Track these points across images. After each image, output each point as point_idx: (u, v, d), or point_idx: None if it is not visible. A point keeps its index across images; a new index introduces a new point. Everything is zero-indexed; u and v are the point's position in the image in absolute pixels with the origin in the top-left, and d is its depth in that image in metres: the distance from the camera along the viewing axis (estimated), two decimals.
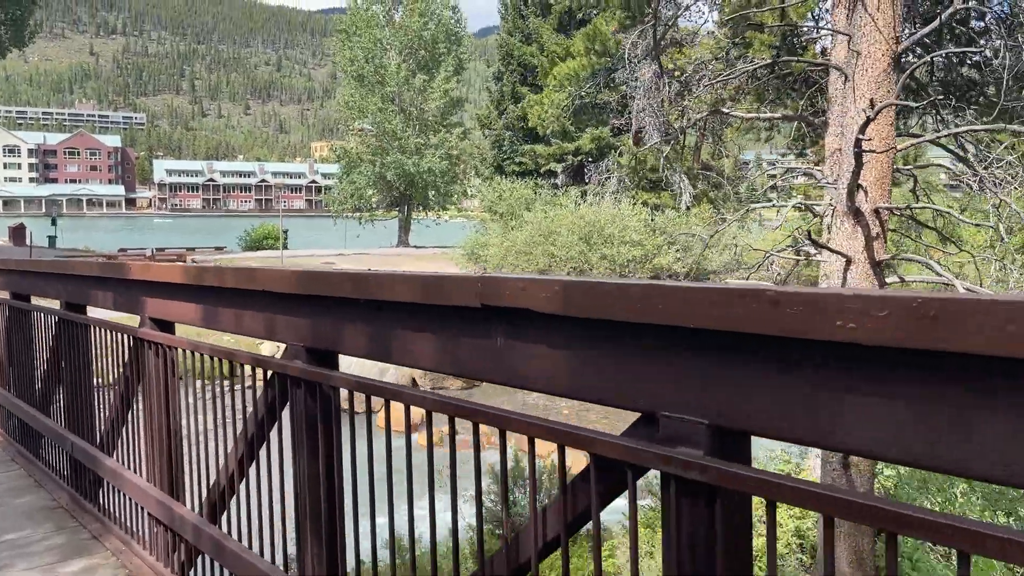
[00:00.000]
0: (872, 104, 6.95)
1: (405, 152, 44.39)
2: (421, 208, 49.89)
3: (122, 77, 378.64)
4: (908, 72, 6.60)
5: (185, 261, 34.51)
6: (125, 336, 4.43)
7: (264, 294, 2.99)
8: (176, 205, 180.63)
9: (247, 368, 3.26)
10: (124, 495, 4.51)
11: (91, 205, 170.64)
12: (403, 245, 48.61)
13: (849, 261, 7.06)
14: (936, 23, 6.44)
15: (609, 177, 32.76)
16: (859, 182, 6.84)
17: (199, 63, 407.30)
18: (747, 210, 9.76)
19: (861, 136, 6.28)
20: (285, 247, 39.83)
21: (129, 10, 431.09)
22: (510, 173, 35.37)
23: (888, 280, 7.07)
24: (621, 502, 1.89)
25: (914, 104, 6.11)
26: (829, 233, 9.79)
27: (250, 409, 3.32)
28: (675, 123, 10.66)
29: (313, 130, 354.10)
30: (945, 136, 7.20)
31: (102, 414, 4.99)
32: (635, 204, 29.01)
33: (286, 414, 3.06)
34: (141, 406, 4.39)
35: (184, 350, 3.80)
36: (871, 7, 6.89)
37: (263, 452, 3.17)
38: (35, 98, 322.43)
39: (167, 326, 4.17)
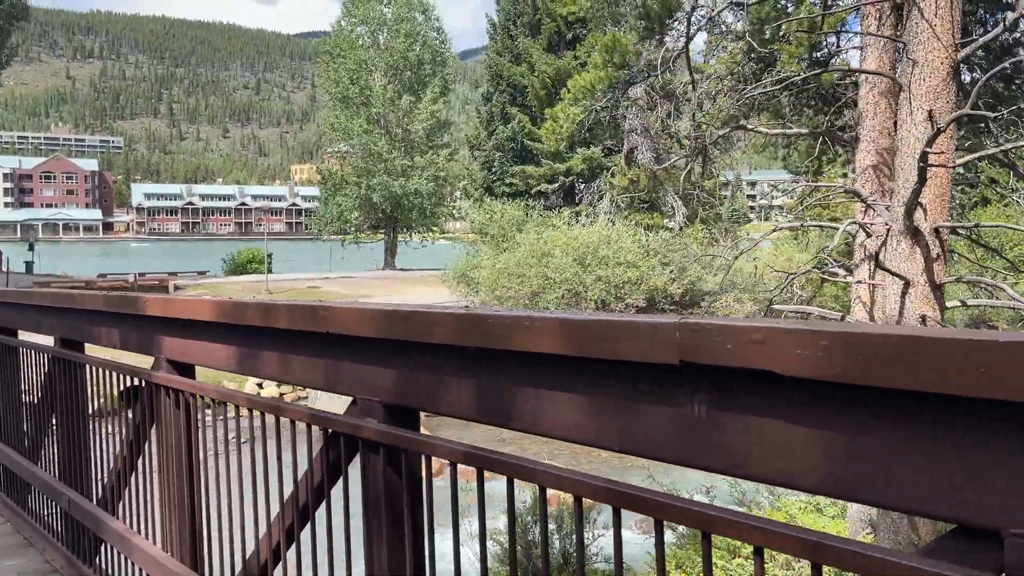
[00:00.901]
0: (931, 116, 6.51)
1: (391, 174, 43.89)
2: (407, 230, 49.33)
3: (99, 101, 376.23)
4: (983, 80, 6.17)
5: (168, 287, 33.67)
6: (135, 379, 3.84)
7: (326, 337, 2.43)
8: (155, 229, 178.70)
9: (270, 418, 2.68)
10: (132, 564, 3.89)
11: (68, 230, 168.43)
12: (389, 268, 47.99)
13: (907, 284, 6.56)
14: (1000, 28, 6.02)
15: (601, 198, 32.45)
16: (919, 200, 6.37)
17: (177, 86, 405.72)
18: (774, 229, 9.28)
19: (928, 150, 5.81)
20: (270, 271, 39.09)
21: (106, 34, 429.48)
22: (500, 194, 34.94)
23: (948, 304, 6.60)
24: None
25: (991, 115, 5.66)
26: (862, 253, 9.35)
27: (299, 470, 2.74)
28: (693, 139, 10.19)
29: (293, 153, 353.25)
30: (999, 151, 6.75)
31: (103, 466, 4.38)
32: (628, 225, 28.66)
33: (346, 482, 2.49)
34: (155, 461, 3.79)
35: (212, 399, 3.22)
36: (928, 12, 6.46)
37: (320, 529, 2.61)
38: (10, 122, 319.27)
39: (186, 369, 3.59)
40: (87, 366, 4.45)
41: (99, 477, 4.42)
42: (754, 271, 24.40)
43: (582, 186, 34.22)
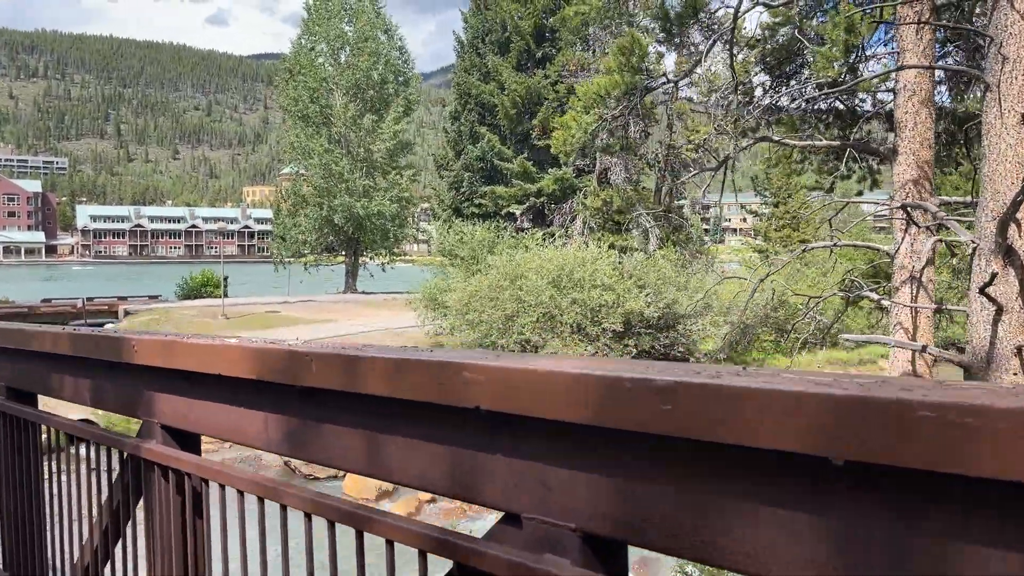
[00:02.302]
0: None
1: (353, 194, 42.66)
2: (369, 252, 48.05)
3: (43, 121, 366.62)
4: None
5: (117, 311, 31.94)
6: (114, 452, 2.79)
7: (437, 412, 1.45)
8: (101, 252, 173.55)
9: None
10: None
11: (8, 253, 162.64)
12: (351, 291, 46.58)
13: (1000, 309, 5.73)
14: None
15: (573, 219, 31.73)
16: (1016, 215, 5.57)
17: (125, 107, 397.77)
18: (804, 250, 8.50)
19: None
20: (226, 295, 37.46)
21: (51, 53, 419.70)
22: (469, 215, 34.02)
23: None
24: None
25: None
26: (904, 275, 8.59)
27: None
28: (720, 148, 9.41)
29: (245, 175, 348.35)
30: None
31: (64, 560, 3.29)
32: (602, 246, 27.93)
33: None
34: (142, 556, 2.74)
35: (226, 487, 2.20)
36: (1019, 2, 5.69)
37: None
38: None
39: (190, 440, 2.56)
40: (41, 426, 3.37)
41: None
42: (738, 294, 23.78)
43: (552, 207, 33.48)
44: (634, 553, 1.42)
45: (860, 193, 11.27)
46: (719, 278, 17.27)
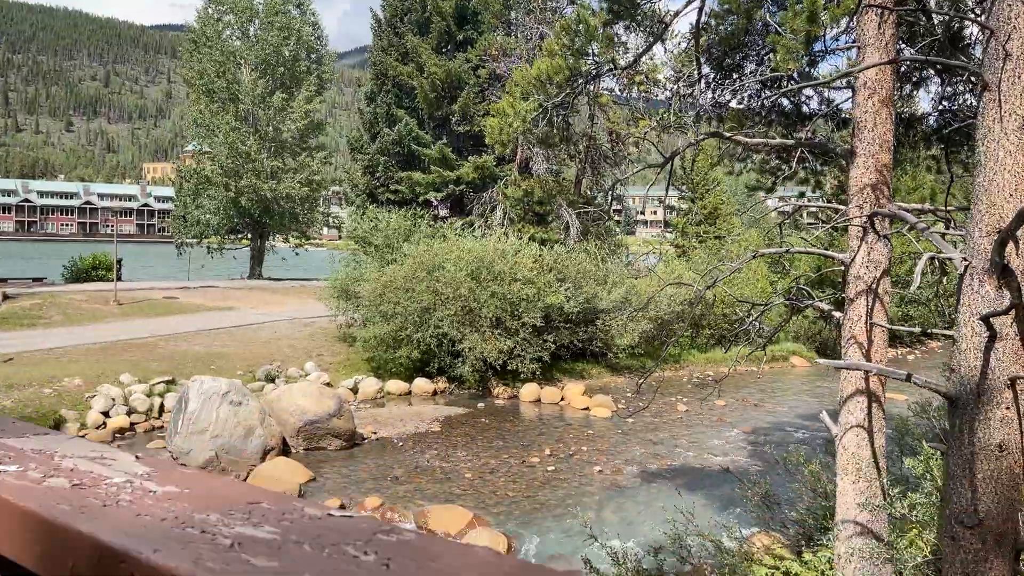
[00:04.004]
0: None
1: (260, 175, 40.57)
2: (276, 236, 45.98)
3: None
4: None
5: None
6: None
7: None
8: None
9: None
10: None
11: None
12: (256, 277, 44.46)
13: (994, 336, 5.16)
14: None
15: (493, 208, 30.88)
16: (1016, 232, 5.00)
17: (14, 74, 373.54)
18: (754, 256, 7.89)
19: None
20: (119, 279, 35.02)
21: None
22: (384, 201, 32.69)
23: None
24: None
25: None
26: (859, 286, 8.08)
27: None
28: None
29: (145, 150, 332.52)
30: None
31: None
32: (523, 238, 27.20)
33: None
34: None
35: None
36: None
37: None
38: None
39: None
40: None
41: None
42: (657, 289, 23.45)
43: (472, 196, 32.50)
44: None
45: (802, 195, 10.78)
46: (668, 283, 16.76)
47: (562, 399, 22.94)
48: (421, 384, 23.15)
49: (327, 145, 46.81)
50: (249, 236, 45.06)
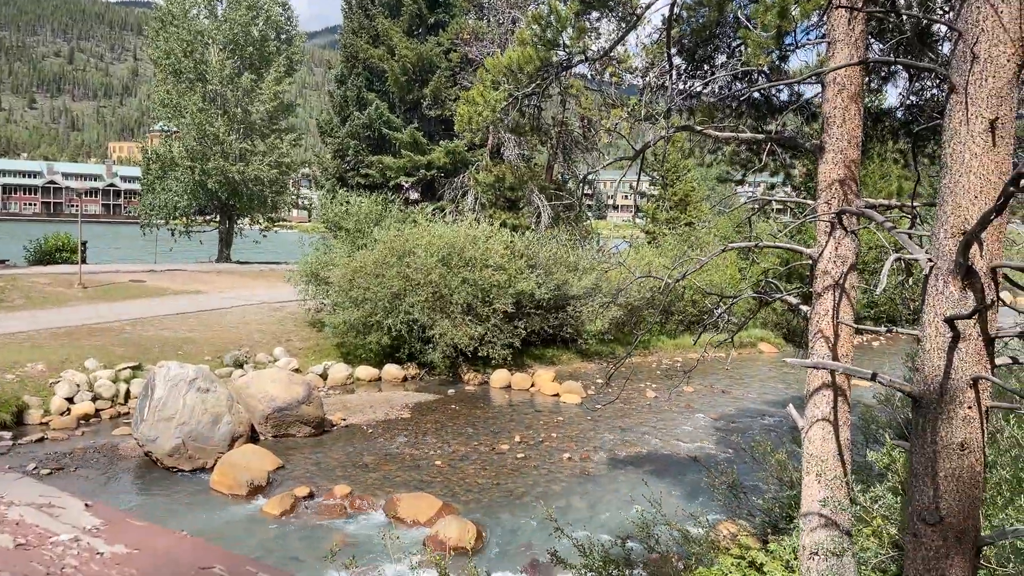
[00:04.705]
0: (993, 126, 5.26)
1: (228, 158, 39.95)
2: (245, 219, 45.39)
3: None
4: None
5: None
6: None
7: None
8: None
9: None
10: None
11: None
12: (224, 260, 43.91)
13: (957, 336, 5.24)
14: None
15: (464, 194, 30.73)
16: (981, 234, 5.08)
17: None
18: (723, 249, 7.93)
19: None
20: (84, 261, 34.39)
21: None
22: (355, 185, 32.36)
23: (998, 361, 5.36)
24: None
25: None
26: (826, 281, 8.15)
27: None
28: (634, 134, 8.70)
29: (111, 129, 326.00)
30: None
31: None
32: (494, 224, 27.11)
33: None
34: None
35: None
36: None
37: None
38: None
39: None
40: None
41: None
42: (628, 275, 23.53)
43: (444, 181, 32.29)
44: None
45: (772, 187, 10.84)
46: (639, 275, 16.79)
47: (532, 385, 23.00)
48: (391, 370, 23.06)
49: (297, 126, 46.21)
50: (217, 218, 44.44)
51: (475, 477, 14.91)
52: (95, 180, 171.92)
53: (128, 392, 18.69)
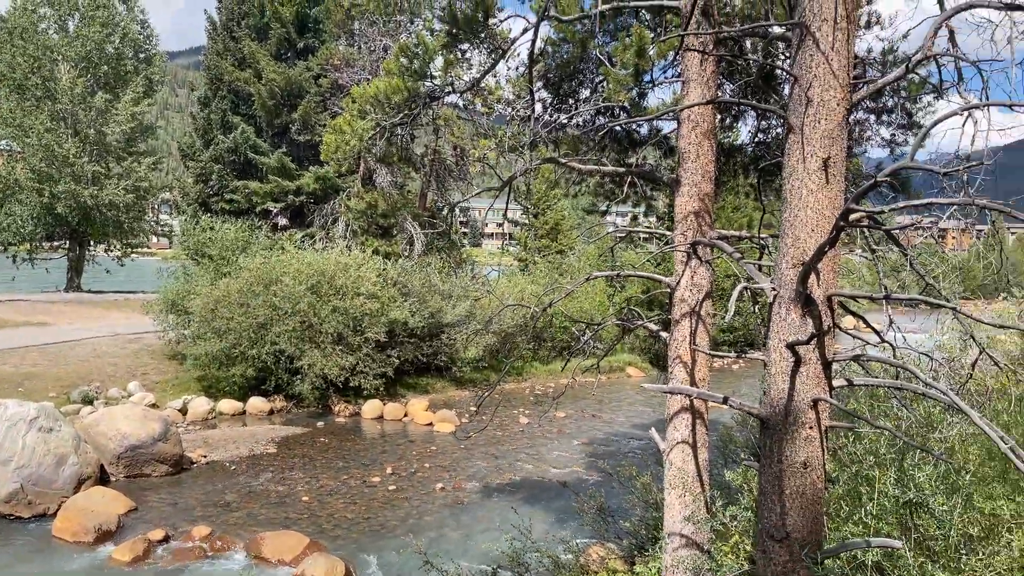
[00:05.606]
0: (826, 165, 5.69)
1: (79, 181, 37.60)
2: (99, 246, 42.73)
3: None
4: (920, 136, 5.35)
5: None
6: None
7: None
8: None
9: None
10: None
11: None
12: (75, 289, 41.14)
13: (799, 361, 5.60)
14: (902, 70, 5.28)
15: (335, 221, 30.19)
16: (817, 265, 5.45)
17: None
18: (587, 279, 8.13)
19: (854, 207, 4.86)
20: None
21: None
22: (219, 211, 31.14)
23: (835, 383, 5.73)
24: None
25: (922, 168, 4.81)
26: (684, 308, 8.50)
27: None
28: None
29: None
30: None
31: None
32: (366, 251, 26.75)
33: None
34: None
35: None
36: (824, 44, 5.62)
37: None
38: None
39: None
40: None
41: None
42: (498, 302, 23.72)
43: (313, 207, 31.60)
44: None
45: (635, 218, 11.25)
46: (510, 303, 17.03)
47: (405, 415, 22.72)
48: (256, 403, 22.20)
49: (158, 149, 44.09)
50: (67, 245, 41.64)
51: (344, 512, 14.53)
52: None
53: None
